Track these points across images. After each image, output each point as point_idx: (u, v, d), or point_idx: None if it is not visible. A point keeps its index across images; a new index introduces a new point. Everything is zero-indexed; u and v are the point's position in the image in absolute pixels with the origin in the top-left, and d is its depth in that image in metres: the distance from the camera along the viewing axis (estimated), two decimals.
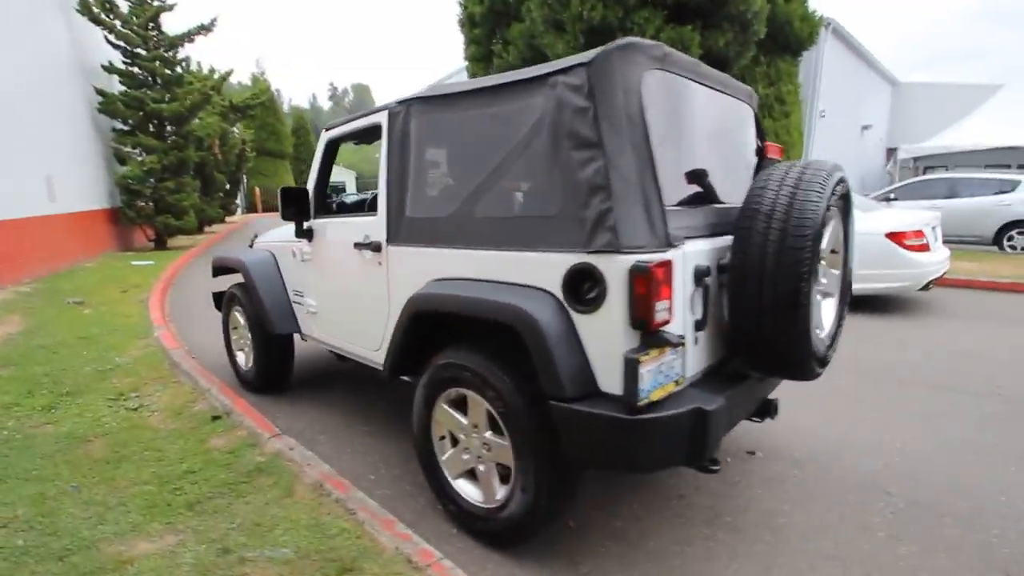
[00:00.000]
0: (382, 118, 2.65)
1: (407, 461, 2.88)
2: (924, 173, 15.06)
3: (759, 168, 2.68)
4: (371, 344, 2.83)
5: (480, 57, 13.42)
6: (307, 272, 3.31)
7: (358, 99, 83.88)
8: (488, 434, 2.12)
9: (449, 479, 2.33)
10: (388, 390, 3.88)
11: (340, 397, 3.84)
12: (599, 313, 1.76)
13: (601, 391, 1.79)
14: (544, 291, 1.89)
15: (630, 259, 1.69)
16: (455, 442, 2.31)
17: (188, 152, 12.69)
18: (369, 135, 2.92)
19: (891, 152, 18.15)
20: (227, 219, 18.48)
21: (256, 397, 3.78)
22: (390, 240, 2.57)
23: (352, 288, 2.91)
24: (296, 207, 3.09)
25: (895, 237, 5.79)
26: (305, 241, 3.24)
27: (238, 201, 21.14)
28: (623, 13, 9.98)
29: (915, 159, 15.99)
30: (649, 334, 1.71)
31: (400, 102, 2.54)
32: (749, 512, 2.46)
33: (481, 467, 2.20)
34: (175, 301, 7.11)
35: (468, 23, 13.55)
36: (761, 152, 2.73)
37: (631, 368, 1.64)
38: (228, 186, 17.40)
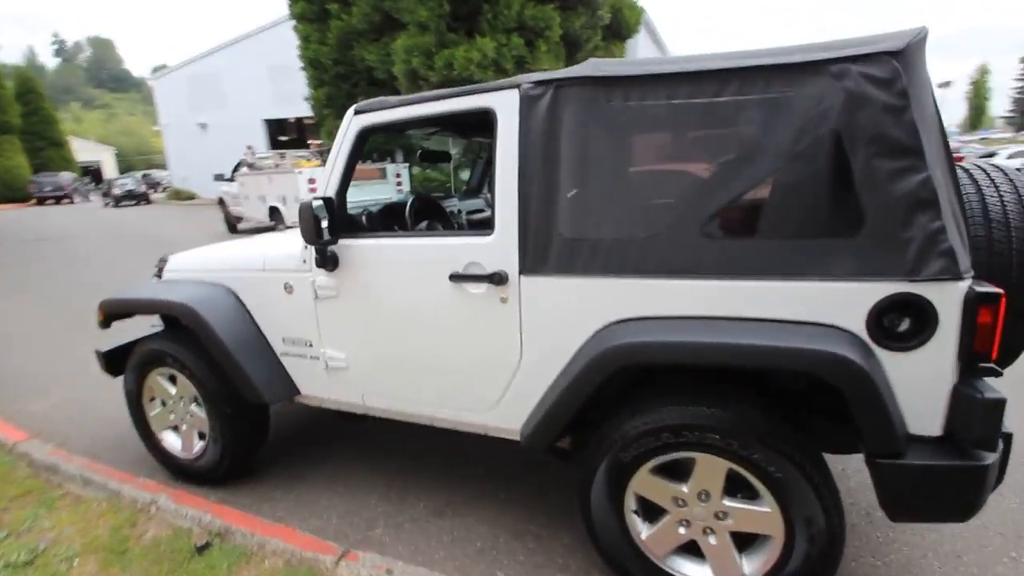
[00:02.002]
0: (503, 102, 1.91)
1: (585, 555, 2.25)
2: None
3: None
4: (476, 404, 2.12)
5: (313, 16, 11.67)
6: (327, 313, 2.35)
7: (98, 56, 67.75)
8: (727, 501, 1.74)
9: None
10: (417, 442, 3.05)
11: (337, 466, 2.89)
12: (922, 350, 1.52)
13: (910, 435, 1.58)
14: (838, 328, 1.56)
15: (966, 286, 1.47)
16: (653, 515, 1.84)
17: None
18: (451, 124, 2.13)
19: None
20: None
21: (226, 491, 2.65)
22: (528, 269, 1.90)
23: (438, 333, 2.12)
24: (323, 225, 2.12)
25: None
26: (322, 272, 2.28)
27: None
28: None
29: None
30: (977, 367, 1.55)
31: (540, 82, 1.85)
32: None
33: (713, 538, 1.78)
34: None
35: None
36: None
37: (994, 409, 1.46)
38: None
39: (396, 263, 2.17)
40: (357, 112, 2.20)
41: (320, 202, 2.10)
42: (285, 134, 25.28)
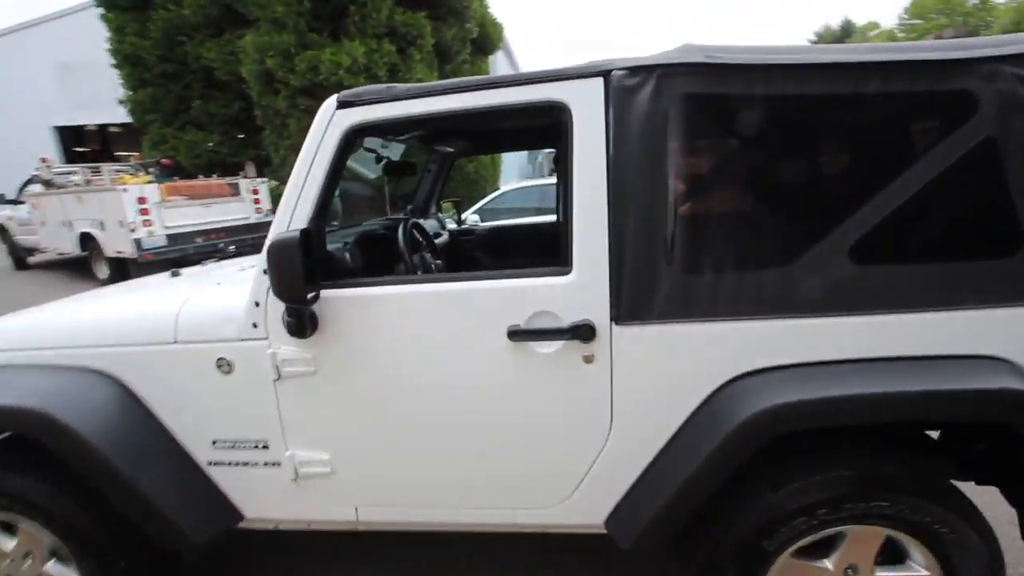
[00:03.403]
0: (582, 94, 1.39)
1: None
2: None
3: None
4: (542, 498, 1.57)
5: (128, 4, 9.71)
6: (298, 399, 1.58)
7: None
8: (882, 572, 1.46)
9: None
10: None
11: None
12: None
13: None
14: (999, 360, 1.35)
15: None
16: None
17: None
18: (488, 123, 1.55)
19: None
20: None
21: None
22: (624, 316, 1.41)
23: (488, 411, 1.52)
24: (297, 271, 1.38)
25: None
26: (290, 340, 1.52)
27: None
28: None
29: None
30: None
31: (638, 69, 1.37)
32: None
33: None
34: None
35: None
36: None
37: None
38: None
39: (418, 320, 1.50)
40: (342, 105, 1.50)
41: (298, 238, 1.37)
42: (84, 145, 20.98)
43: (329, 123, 1.50)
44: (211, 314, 1.63)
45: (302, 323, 1.46)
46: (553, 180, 9.17)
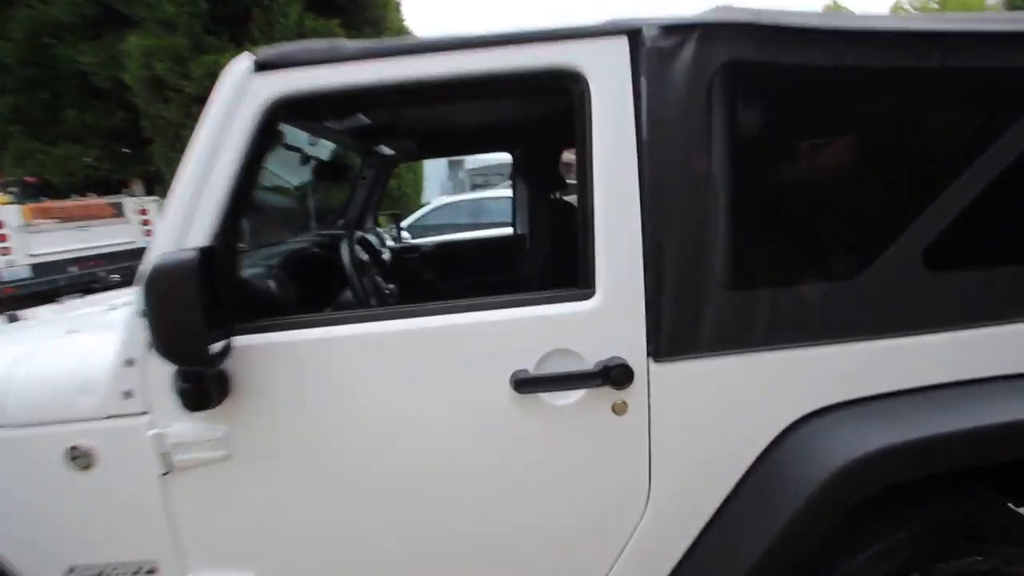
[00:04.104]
0: (602, 58, 1.04)
1: None
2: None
3: None
4: None
5: None
6: (200, 498, 1.07)
7: None
8: None
9: None
10: None
11: None
12: None
13: None
14: None
15: None
16: None
17: None
18: (466, 104, 1.20)
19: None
20: None
21: None
22: (664, 350, 1.07)
23: (486, 487, 1.11)
24: (193, 311, 0.91)
25: None
26: (186, 414, 1.02)
27: None
28: None
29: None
30: None
31: (674, 28, 1.03)
32: None
33: None
34: None
35: None
36: None
37: None
38: None
39: (383, 373, 1.06)
40: (262, 66, 1.04)
41: (196, 259, 0.89)
42: None
43: (242, 93, 1.03)
44: (58, 380, 1.10)
45: (203, 389, 0.97)
46: (483, 194, 8.88)
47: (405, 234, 4.34)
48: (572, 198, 2.49)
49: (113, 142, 9.28)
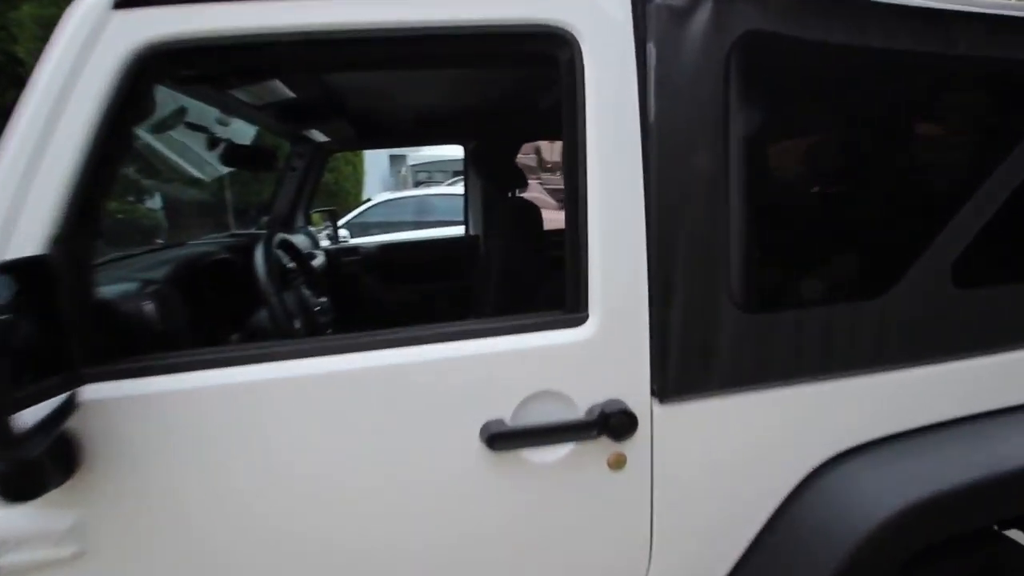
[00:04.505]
0: (598, 16, 0.80)
1: None
2: None
3: None
4: None
5: None
6: None
7: None
8: None
9: None
10: None
11: None
12: None
13: None
14: None
15: None
16: None
17: None
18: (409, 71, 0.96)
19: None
20: None
21: None
22: (674, 388, 0.86)
23: (448, 560, 0.85)
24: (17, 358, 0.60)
25: None
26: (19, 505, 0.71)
27: None
28: None
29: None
30: None
31: None
32: None
33: None
34: None
35: None
36: None
37: None
38: None
39: (310, 431, 0.78)
40: (122, 3, 0.73)
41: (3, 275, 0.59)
42: None
43: (94, 37, 0.72)
44: None
45: (33, 467, 0.67)
46: (429, 191, 8.46)
47: (343, 232, 3.96)
48: (530, 195, 2.26)
49: (6, 123, 8.25)
